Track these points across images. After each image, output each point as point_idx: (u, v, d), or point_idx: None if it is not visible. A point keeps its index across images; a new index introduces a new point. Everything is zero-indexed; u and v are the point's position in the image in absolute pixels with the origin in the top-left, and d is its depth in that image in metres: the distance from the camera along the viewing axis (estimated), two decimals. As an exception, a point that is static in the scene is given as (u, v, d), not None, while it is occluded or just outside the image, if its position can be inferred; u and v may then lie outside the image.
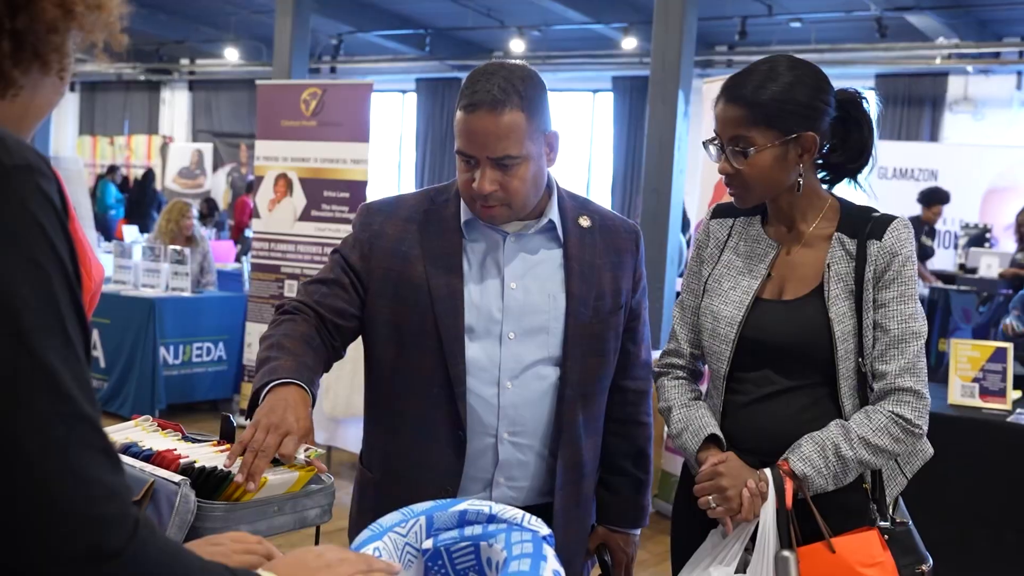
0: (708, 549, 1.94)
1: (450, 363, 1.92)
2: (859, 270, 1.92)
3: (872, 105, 2.01)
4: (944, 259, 9.72)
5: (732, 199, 2.01)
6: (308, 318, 1.93)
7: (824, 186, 2.04)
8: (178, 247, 7.09)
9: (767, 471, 1.88)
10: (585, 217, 2.06)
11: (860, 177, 2.05)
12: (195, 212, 7.73)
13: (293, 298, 1.99)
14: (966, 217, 10.09)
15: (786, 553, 1.83)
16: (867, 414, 1.89)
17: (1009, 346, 3.98)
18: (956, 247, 10.05)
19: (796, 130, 1.89)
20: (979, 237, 9.72)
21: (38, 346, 0.84)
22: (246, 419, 1.72)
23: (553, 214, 2.01)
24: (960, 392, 4.02)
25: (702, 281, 2.09)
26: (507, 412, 1.95)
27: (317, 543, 2.40)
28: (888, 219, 1.95)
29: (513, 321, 1.95)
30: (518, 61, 1.97)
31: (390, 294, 1.97)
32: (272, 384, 1.75)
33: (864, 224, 1.95)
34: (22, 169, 0.85)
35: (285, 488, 1.60)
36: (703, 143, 2.00)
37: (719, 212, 2.13)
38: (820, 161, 2.01)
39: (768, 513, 1.85)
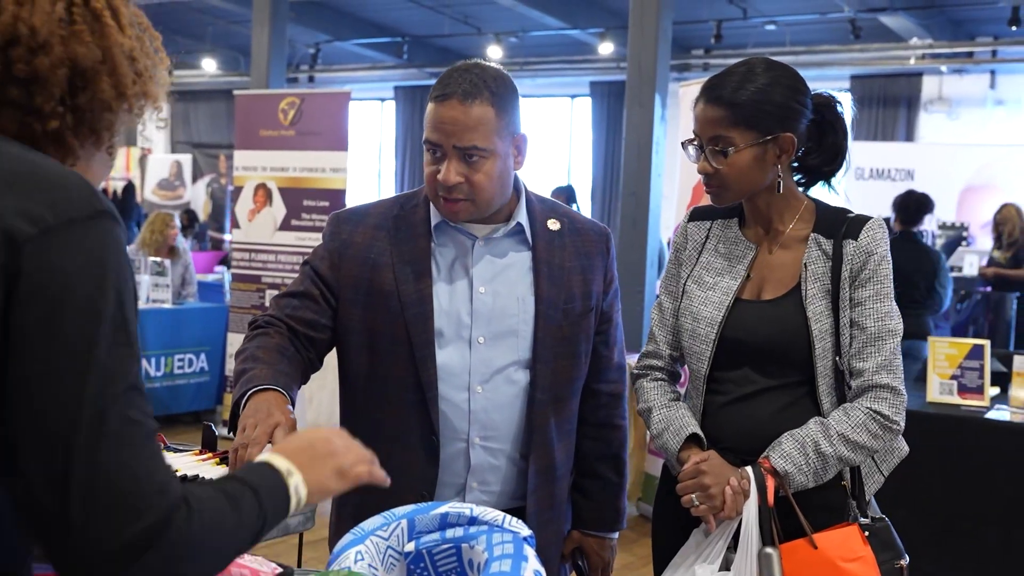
0: (692, 548, 1.95)
1: (421, 368, 1.92)
2: (835, 269, 1.94)
3: (847, 109, 2.04)
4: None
5: (709, 198, 2.03)
6: (280, 331, 1.94)
7: (799, 189, 2.07)
8: (158, 259, 7.07)
9: (749, 469, 1.89)
10: (554, 220, 2.06)
11: (834, 180, 2.07)
12: (177, 223, 7.71)
13: (265, 313, 2.00)
14: (943, 216, 10.15)
15: (769, 550, 1.85)
16: (845, 411, 1.91)
17: (986, 343, 4.02)
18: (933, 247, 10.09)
19: (774, 131, 1.91)
20: (956, 239, 9.79)
21: (116, 351, 0.99)
22: (228, 432, 1.72)
23: (521, 217, 2.01)
24: (938, 390, 4.05)
25: (680, 283, 2.10)
26: (478, 416, 1.95)
27: (300, 551, 2.40)
28: (863, 219, 1.97)
29: (482, 325, 1.95)
30: (493, 63, 1.98)
31: (361, 302, 1.97)
32: (251, 392, 1.76)
33: (840, 224, 1.97)
34: (108, 215, 1.03)
35: None
36: (682, 144, 2.02)
37: (696, 215, 2.15)
38: (796, 164, 2.03)
39: (751, 511, 1.86)
